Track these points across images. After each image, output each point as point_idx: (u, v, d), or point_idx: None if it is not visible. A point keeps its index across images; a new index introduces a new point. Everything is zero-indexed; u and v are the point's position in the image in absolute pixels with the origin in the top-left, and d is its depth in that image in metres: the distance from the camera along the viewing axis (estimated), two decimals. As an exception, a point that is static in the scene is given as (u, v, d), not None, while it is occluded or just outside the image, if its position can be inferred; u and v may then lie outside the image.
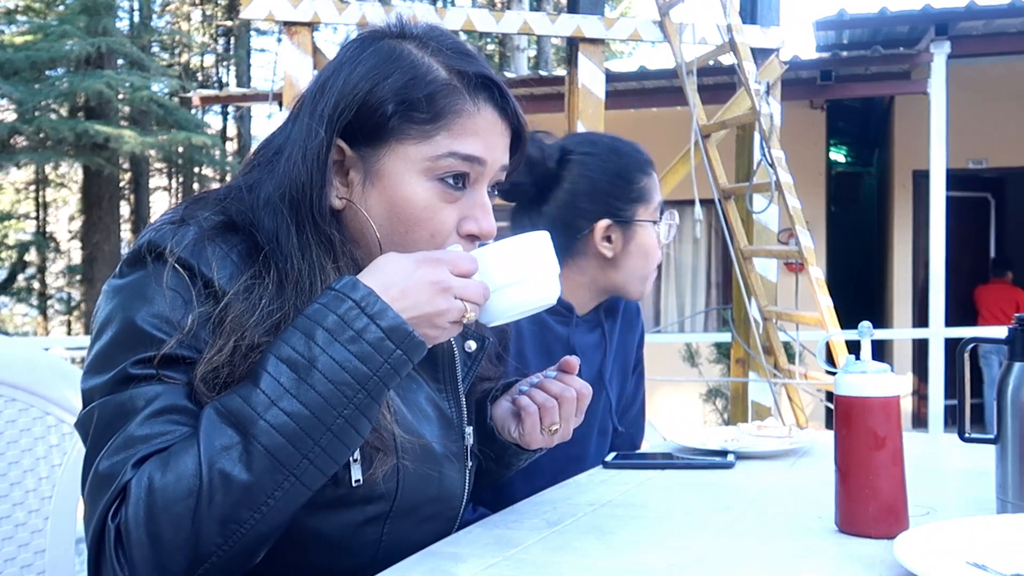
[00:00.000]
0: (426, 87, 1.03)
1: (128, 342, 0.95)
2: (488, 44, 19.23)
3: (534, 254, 1.03)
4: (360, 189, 1.05)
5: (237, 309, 0.96)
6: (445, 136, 1.03)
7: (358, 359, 0.91)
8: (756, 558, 1.01)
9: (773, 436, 1.64)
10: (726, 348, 5.98)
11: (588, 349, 1.72)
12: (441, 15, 4.40)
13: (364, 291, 0.93)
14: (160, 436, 0.92)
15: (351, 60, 1.05)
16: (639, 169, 1.68)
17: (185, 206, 1.04)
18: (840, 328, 3.75)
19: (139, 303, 0.96)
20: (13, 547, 1.27)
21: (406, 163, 1.03)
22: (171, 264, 0.96)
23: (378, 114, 1.02)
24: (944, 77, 5.88)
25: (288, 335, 0.93)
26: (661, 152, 4.36)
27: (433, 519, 1.12)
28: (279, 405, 0.89)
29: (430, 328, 0.95)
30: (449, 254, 0.98)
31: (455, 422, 1.16)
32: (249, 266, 0.99)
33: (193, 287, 0.96)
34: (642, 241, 1.67)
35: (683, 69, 4.49)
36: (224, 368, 0.95)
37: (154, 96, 13.07)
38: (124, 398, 0.93)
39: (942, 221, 5.63)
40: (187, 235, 0.98)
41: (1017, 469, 1.13)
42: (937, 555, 0.92)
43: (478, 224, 1.06)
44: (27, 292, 16.80)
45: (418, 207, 1.03)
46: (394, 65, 1.03)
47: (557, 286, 1.05)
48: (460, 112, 1.04)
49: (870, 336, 1.10)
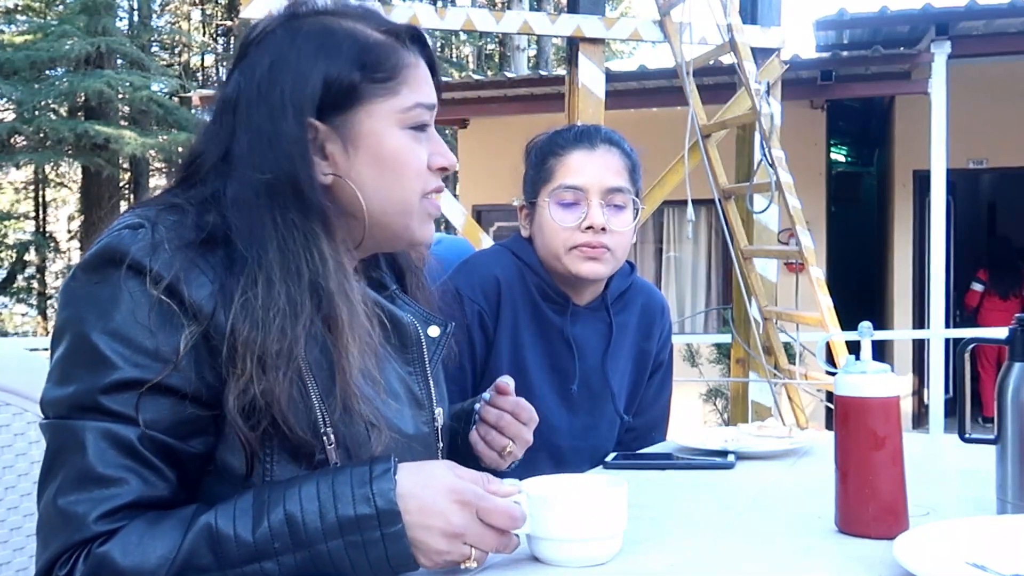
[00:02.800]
0: (374, 49, 1.08)
1: (82, 360, 0.94)
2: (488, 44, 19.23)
3: (606, 515, 1.00)
4: (344, 157, 1.07)
5: (243, 330, 0.95)
6: (407, 89, 1.10)
7: (350, 562, 0.92)
8: (756, 558, 1.01)
9: (773, 436, 1.64)
10: (726, 348, 5.98)
11: (588, 339, 1.72)
12: (441, 15, 4.40)
13: (390, 504, 0.92)
14: (118, 483, 0.91)
15: (288, 46, 1.06)
16: (551, 153, 1.71)
17: (145, 211, 1.01)
18: (840, 328, 3.75)
19: (94, 316, 0.94)
20: (8, 551, 1.27)
21: (381, 120, 1.08)
22: (150, 286, 0.94)
23: (346, 83, 1.06)
24: (944, 77, 5.88)
25: (309, 489, 0.93)
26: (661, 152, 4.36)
27: None
28: (262, 563, 0.90)
29: (423, 554, 0.93)
30: (490, 502, 0.95)
31: (425, 403, 1.17)
32: (235, 281, 0.97)
33: (173, 312, 0.94)
34: (539, 219, 1.71)
35: (683, 69, 4.49)
36: (252, 387, 0.94)
37: (154, 96, 13.08)
38: (77, 427, 0.92)
39: (942, 221, 5.63)
40: (161, 251, 0.95)
41: (1017, 469, 1.13)
42: (937, 555, 0.92)
43: (445, 158, 1.14)
44: (27, 292, 16.81)
45: (402, 153, 1.09)
46: (336, 38, 1.08)
47: (619, 545, 1.02)
48: (408, 65, 1.11)
49: (870, 336, 1.10)
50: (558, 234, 1.67)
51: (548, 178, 1.70)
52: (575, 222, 1.65)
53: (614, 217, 1.66)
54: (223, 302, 0.96)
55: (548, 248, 1.69)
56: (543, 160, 1.72)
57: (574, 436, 1.71)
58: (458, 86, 7.92)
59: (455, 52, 20.42)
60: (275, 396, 0.95)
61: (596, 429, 1.74)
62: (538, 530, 1.00)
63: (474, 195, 8.83)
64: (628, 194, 1.68)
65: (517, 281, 1.69)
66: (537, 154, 1.75)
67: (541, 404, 1.67)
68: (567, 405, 1.71)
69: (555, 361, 1.71)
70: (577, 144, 1.69)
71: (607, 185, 1.66)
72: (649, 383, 1.83)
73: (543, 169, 1.71)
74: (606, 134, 1.72)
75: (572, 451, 1.67)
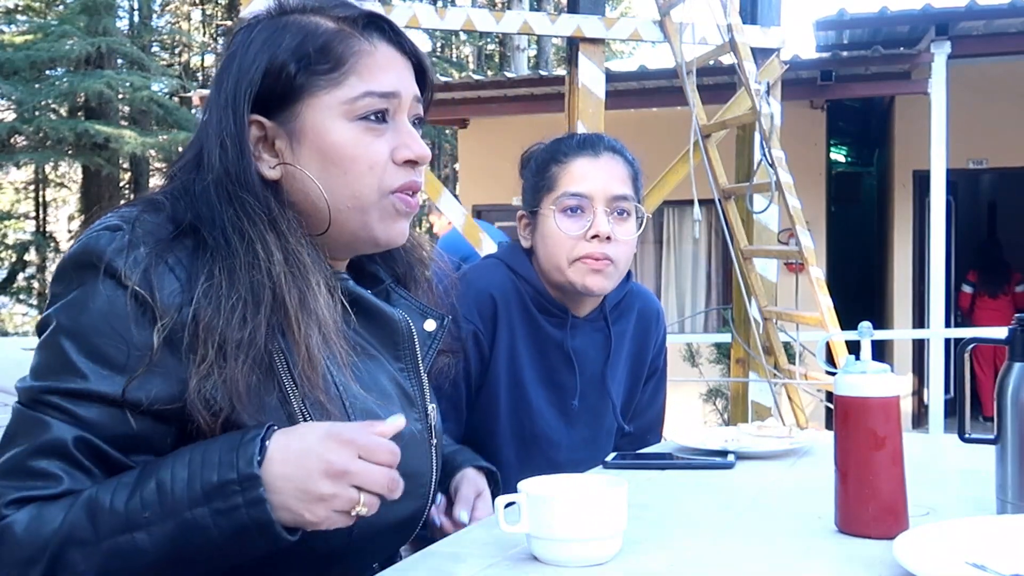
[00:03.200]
0: (318, 39, 1.06)
1: (52, 361, 0.95)
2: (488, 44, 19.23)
3: (606, 515, 1.00)
4: (290, 153, 1.07)
5: (205, 315, 0.96)
6: (355, 79, 1.06)
7: (218, 531, 0.90)
8: (756, 558, 1.01)
9: (773, 436, 1.64)
10: (726, 348, 5.98)
11: (587, 352, 1.71)
12: (441, 15, 4.40)
13: (250, 467, 0.90)
14: (45, 480, 0.92)
15: (242, 45, 1.08)
16: (553, 160, 1.68)
17: (129, 210, 1.03)
18: (840, 328, 3.75)
19: (69, 320, 0.96)
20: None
21: (324, 112, 1.06)
22: (127, 291, 0.95)
23: (283, 77, 1.05)
24: (944, 77, 5.88)
25: (183, 456, 0.93)
26: (661, 152, 4.37)
27: (404, 498, 1.10)
28: (133, 534, 0.90)
29: (307, 509, 0.91)
30: (368, 439, 0.93)
31: (417, 400, 1.16)
32: (200, 267, 0.99)
33: (145, 312, 0.95)
34: (542, 229, 1.67)
35: (683, 69, 4.49)
36: (213, 375, 0.94)
37: (154, 96, 13.09)
38: (31, 418, 0.94)
39: (942, 221, 5.63)
40: (138, 254, 0.97)
41: (1017, 469, 1.13)
42: (937, 555, 0.92)
43: (411, 150, 1.09)
44: (27, 292, 16.81)
45: (348, 146, 1.06)
46: (283, 32, 1.07)
47: (619, 545, 1.02)
48: (359, 52, 1.07)
49: (870, 336, 1.10)
50: (562, 244, 1.63)
51: (551, 186, 1.66)
52: (580, 231, 1.62)
53: (618, 226, 1.64)
54: (189, 294, 0.97)
55: (551, 259, 1.65)
56: (544, 168, 1.69)
57: (573, 450, 1.70)
58: (458, 86, 7.91)
59: (455, 52, 20.42)
60: (235, 383, 0.95)
61: (595, 441, 1.73)
62: (538, 530, 1.00)
63: (474, 195, 8.83)
64: (632, 202, 1.66)
65: (513, 295, 1.66)
66: (537, 162, 1.71)
67: (540, 419, 1.67)
68: (566, 419, 1.69)
69: (554, 375, 1.68)
70: (580, 151, 1.66)
71: (612, 193, 1.63)
72: (644, 388, 1.82)
73: (545, 177, 1.68)
74: (609, 142, 1.69)
75: (571, 464, 1.66)
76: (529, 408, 1.65)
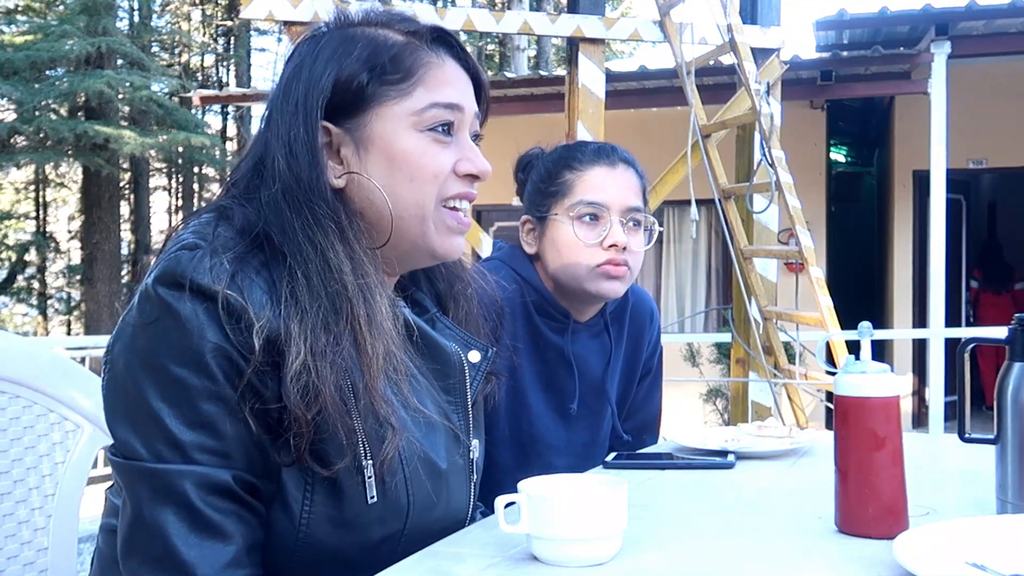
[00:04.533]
0: (389, 50, 1.08)
1: (141, 420, 0.95)
2: (488, 44, 19.22)
3: (606, 515, 1.00)
4: (356, 160, 1.07)
5: (294, 319, 0.97)
6: (422, 90, 1.08)
7: None
8: (756, 558, 1.01)
9: (773, 436, 1.64)
10: (726, 348, 5.98)
11: (587, 357, 1.70)
12: (441, 15, 4.40)
13: None
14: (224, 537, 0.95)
15: (309, 55, 1.08)
16: (567, 167, 1.67)
17: (195, 227, 1.03)
18: (840, 328, 3.75)
19: (152, 371, 0.96)
20: (16, 544, 1.27)
21: (393, 122, 1.07)
22: (219, 299, 0.95)
23: (354, 86, 1.06)
24: (944, 77, 5.88)
25: None
26: (661, 152, 4.37)
27: (443, 533, 1.12)
28: None
29: None
30: None
31: (462, 435, 1.16)
32: (279, 275, 0.99)
33: (237, 323, 0.96)
34: (553, 235, 1.66)
35: (683, 69, 4.49)
36: (304, 374, 0.95)
37: (154, 96, 13.07)
38: (167, 474, 0.94)
39: (942, 221, 5.63)
40: (222, 265, 0.97)
41: (1017, 469, 1.13)
42: (937, 555, 0.92)
43: (474, 164, 1.11)
44: (27, 292, 16.80)
45: (416, 155, 1.07)
46: (352, 43, 1.08)
47: (619, 545, 1.02)
48: (428, 65, 1.09)
49: (870, 336, 1.10)
50: (579, 252, 1.62)
51: (565, 193, 1.65)
52: (596, 239, 1.62)
53: (632, 236, 1.64)
54: (274, 298, 0.98)
55: (565, 266, 1.64)
56: (556, 174, 1.67)
57: (572, 454, 1.69)
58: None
59: (455, 52, 20.36)
60: (326, 382, 0.96)
61: (594, 446, 1.72)
62: (538, 530, 1.00)
63: (474, 195, 8.81)
64: (644, 214, 1.67)
65: (516, 299, 1.65)
66: (546, 167, 1.70)
67: (539, 423, 1.66)
68: (565, 424, 1.69)
69: (553, 380, 1.68)
70: (597, 160, 1.66)
71: (628, 204, 1.64)
72: (639, 387, 1.82)
73: (557, 183, 1.66)
74: (622, 153, 1.70)
75: (569, 469, 1.66)
76: (528, 412, 1.65)
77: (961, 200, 8.30)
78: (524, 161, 1.77)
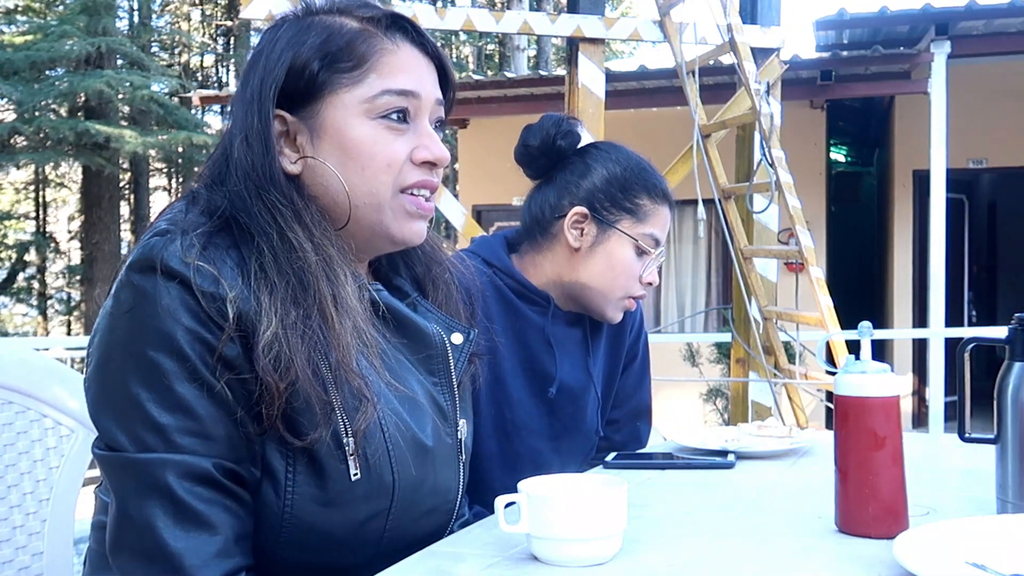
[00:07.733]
0: (343, 38, 1.08)
1: (128, 412, 0.96)
2: (488, 44, 19.24)
3: (606, 515, 1.00)
4: (311, 147, 1.08)
5: (264, 292, 0.98)
6: (375, 77, 1.07)
7: None
8: (756, 558, 1.01)
9: (773, 436, 1.64)
10: (726, 348, 5.98)
11: (568, 342, 1.70)
12: (441, 15, 4.40)
13: None
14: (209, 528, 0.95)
15: (268, 45, 1.10)
16: (646, 191, 1.65)
17: (168, 216, 1.05)
18: (840, 328, 3.75)
19: (133, 360, 0.96)
20: (11, 549, 1.27)
21: (344, 110, 1.07)
22: (191, 270, 0.96)
23: (306, 74, 1.07)
24: (944, 77, 5.89)
25: None
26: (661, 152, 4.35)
27: (431, 513, 1.12)
28: None
29: None
30: None
31: (449, 415, 1.16)
32: (248, 252, 1.01)
33: (212, 301, 0.96)
34: (612, 250, 1.63)
35: (683, 69, 4.49)
36: (275, 344, 0.96)
37: (154, 96, 13.07)
38: (150, 465, 0.94)
39: (942, 221, 5.63)
40: (192, 243, 0.98)
41: (1017, 469, 1.13)
42: (937, 555, 0.92)
43: (430, 151, 1.10)
44: (27, 292, 16.80)
45: (367, 143, 1.07)
46: (308, 31, 1.09)
47: (619, 545, 1.02)
48: (382, 51, 1.08)
49: (870, 336, 1.10)
50: (628, 278, 1.63)
51: (640, 217, 1.64)
52: (640, 272, 1.64)
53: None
54: (245, 272, 0.99)
55: (606, 281, 1.64)
56: (637, 192, 1.64)
57: (555, 437, 1.69)
58: (458, 86, 7.89)
59: (455, 52, 20.42)
60: (297, 354, 0.97)
61: (579, 431, 1.72)
62: (538, 530, 1.00)
63: (474, 195, 8.82)
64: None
65: (488, 287, 1.63)
66: (625, 175, 1.65)
67: (519, 408, 1.66)
68: (547, 408, 1.68)
69: (533, 364, 1.67)
70: (666, 201, 1.68)
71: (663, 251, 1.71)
72: (627, 374, 1.81)
73: (634, 201, 1.64)
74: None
75: (553, 452, 1.65)
76: (508, 398, 1.64)
77: (963, 199, 8.30)
78: (564, 128, 1.67)
